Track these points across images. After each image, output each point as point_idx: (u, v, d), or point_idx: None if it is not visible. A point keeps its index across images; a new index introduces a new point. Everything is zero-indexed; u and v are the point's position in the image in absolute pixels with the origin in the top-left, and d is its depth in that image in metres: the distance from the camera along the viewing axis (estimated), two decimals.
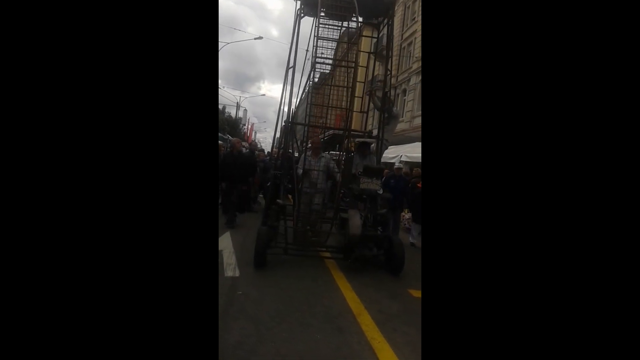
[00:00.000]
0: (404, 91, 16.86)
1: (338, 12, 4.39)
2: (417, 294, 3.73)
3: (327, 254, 4.55)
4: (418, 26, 16.29)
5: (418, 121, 15.07)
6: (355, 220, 3.93)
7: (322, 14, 4.63)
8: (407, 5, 17.81)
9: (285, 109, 5.06)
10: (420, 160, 8.78)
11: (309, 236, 4.35)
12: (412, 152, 10.38)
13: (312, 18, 4.81)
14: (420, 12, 16.35)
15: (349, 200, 4.38)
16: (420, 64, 15.51)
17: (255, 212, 7.34)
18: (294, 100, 4.79)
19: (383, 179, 5.33)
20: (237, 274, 3.78)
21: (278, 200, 4.42)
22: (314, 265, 4.28)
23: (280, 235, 4.30)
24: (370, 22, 5.67)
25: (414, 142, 12.03)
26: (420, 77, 15.51)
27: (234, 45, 36.91)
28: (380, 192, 4.37)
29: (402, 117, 16.38)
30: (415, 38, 16.55)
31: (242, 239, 5.14)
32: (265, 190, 7.14)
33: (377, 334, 2.78)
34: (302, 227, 4.39)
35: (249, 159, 6.67)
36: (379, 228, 4.45)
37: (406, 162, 9.96)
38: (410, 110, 16.19)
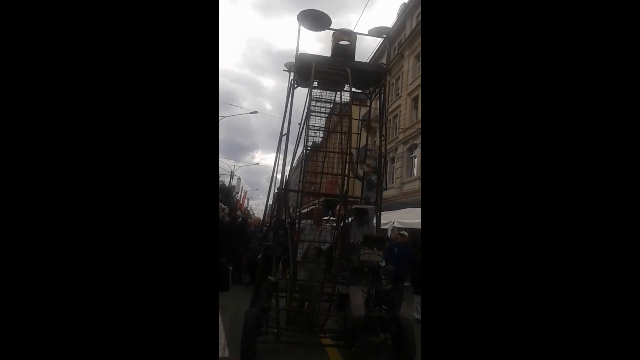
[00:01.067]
0: (392, 159, 17.32)
1: (331, 82, 4.51)
2: None
3: (327, 340, 3.95)
4: (402, 101, 17.39)
5: (407, 187, 15.29)
6: (357, 299, 3.43)
7: (315, 84, 4.78)
8: (390, 83, 19.14)
9: (279, 177, 4.86)
10: (412, 226, 8.66)
11: (306, 317, 3.79)
12: (403, 217, 10.33)
13: (305, 89, 4.97)
14: (403, 89, 17.56)
15: (347, 274, 3.91)
16: (405, 134, 16.23)
17: (246, 285, 6.82)
18: (287, 167, 4.71)
19: (386, 247, 4.89)
20: (226, 353, 3.41)
21: (270, 277, 3.81)
22: (309, 347, 3.79)
23: (272, 319, 3.65)
24: (360, 93, 5.90)
25: (405, 207, 12.04)
26: (406, 146, 16.11)
27: (229, 118, 39.30)
28: (383, 263, 3.95)
29: (392, 182, 16.63)
30: (400, 111, 17.51)
31: (232, 316, 4.62)
32: (253, 264, 6.53)
33: None
34: (297, 306, 3.84)
35: (239, 227, 6.37)
36: (384, 307, 3.87)
37: (400, 228, 9.81)
38: (399, 177, 16.48)
